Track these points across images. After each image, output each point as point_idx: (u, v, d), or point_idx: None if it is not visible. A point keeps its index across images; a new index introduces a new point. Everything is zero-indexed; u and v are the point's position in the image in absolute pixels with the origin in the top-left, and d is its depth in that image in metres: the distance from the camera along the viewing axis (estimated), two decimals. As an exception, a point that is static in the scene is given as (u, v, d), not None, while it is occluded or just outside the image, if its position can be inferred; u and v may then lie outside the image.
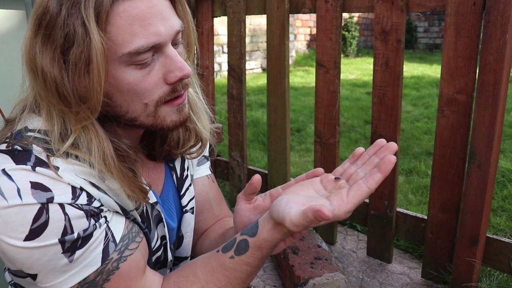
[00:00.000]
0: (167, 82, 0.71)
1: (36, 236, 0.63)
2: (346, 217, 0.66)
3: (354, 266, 1.65)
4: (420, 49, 9.46)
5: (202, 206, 1.02)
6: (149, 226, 0.81)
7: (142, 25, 0.65)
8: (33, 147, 0.66)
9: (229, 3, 2.00)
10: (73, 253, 0.65)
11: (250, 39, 6.51)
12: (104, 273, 0.68)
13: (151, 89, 0.69)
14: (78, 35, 0.62)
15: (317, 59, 1.69)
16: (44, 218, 0.63)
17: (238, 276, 0.74)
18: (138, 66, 0.67)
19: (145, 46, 0.65)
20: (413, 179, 2.61)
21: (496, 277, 1.46)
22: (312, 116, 3.95)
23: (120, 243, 0.71)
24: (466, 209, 1.37)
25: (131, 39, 0.65)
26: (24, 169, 0.64)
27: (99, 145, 0.68)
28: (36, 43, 0.65)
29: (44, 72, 0.65)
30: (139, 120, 0.72)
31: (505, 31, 1.20)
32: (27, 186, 0.63)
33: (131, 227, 0.74)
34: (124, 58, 0.66)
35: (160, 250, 0.86)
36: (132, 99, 0.69)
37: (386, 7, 1.46)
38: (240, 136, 2.11)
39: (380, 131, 1.57)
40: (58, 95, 0.66)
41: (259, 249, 0.72)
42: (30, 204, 0.62)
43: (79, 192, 0.66)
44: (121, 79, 0.67)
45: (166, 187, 0.90)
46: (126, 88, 0.68)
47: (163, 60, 0.70)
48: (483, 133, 1.29)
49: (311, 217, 0.60)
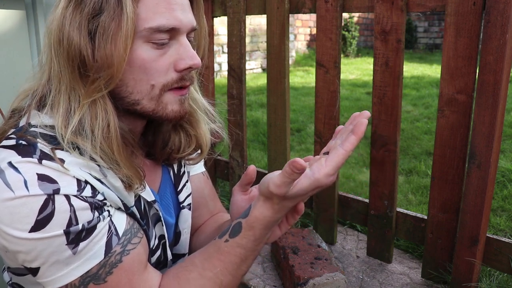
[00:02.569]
0: (176, 69, 0.74)
1: (41, 227, 0.63)
2: (328, 182, 0.67)
3: (354, 266, 1.65)
4: (420, 49, 9.46)
5: (198, 203, 1.03)
6: (147, 224, 0.82)
7: (167, 7, 0.70)
8: (37, 141, 0.68)
9: (229, 3, 2.00)
10: (77, 245, 0.66)
11: (250, 39, 6.51)
12: (107, 266, 0.69)
13: (161, 70, 0.72)
14: (110, 4, 0.66)
15: (317, 59, 1.69)
16: (50, 209, 0.64)
17: (233, 261, 0.75)
18: (155, 45, 0.71)
19: (166, 25, 0.70)
20: (413, 179, 2.61)
21: (496, 277, 1.46)
22: (312, 116, 3.95)
23: (123, 237, 0.71)
24: (466, 209, 1.37)
25: (154, 17, 0.69)
26: (30, 162, 0.65)
27: (105, 116, 0.70)
28: (67, 12, 0.68)
29: (70, 38, 0.67)
30: (142, 103, 0.74)
31: (505, 31, 1.20)
32: (34, 177, 0.64)
33: (133, 223, 0.75)
34: (144, 33, 0.69)
35: (159, 250, 0.87)
36: (140, 77, 0.72)
37: (386, 7, 1.46)
38: (240, 136, 2.11)
39: (380, 131, 1.57)
40: (79, 62, 0.68)
41: (251, 228, 0.73)
42: (37, 195, 0.63)
43: (84, 185, 0.67)
44: (136, 54, 0.70)
45: (163, 184, 0.91)
46: (138, 64, 0.71)
47: (177, 47, 0.73)
48: (483, 133, 1.29)
49: (288, 170, 0.64)
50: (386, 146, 1.56)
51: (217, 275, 0.75)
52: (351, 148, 0.66)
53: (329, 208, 1.79)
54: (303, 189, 0.68)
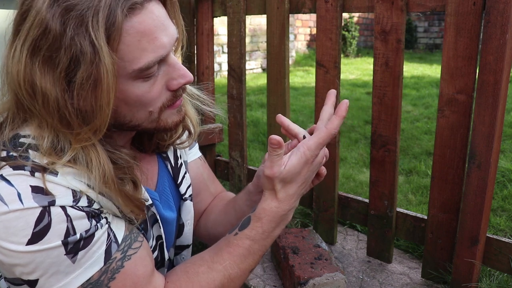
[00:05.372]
0: (169, 89, 0.73)
1: (39, 239, 0.62)
2: (317, 152, 0.74)
3: (354, 266, 1.65)
4: (420, 49, 9.46)
5: (199, 188, 1.05)
6: (145, 227, 0.82)
7: (150, 40, 0.65)
8: (29, 152, 0.65)
9: (229, 3, 2.00)
10: (76, 254, 0.65)
11: (250, 39, 6.51)
12: (109, 272, 0.69)
13: (156, 98, 0.71)
14: (87, 56, 0.60)
15: (317, 59, 1.69)
16: (46, 220, 0.62)
17: (241, 253, 0.77)
18: (145, 79, 0.68)
19: (154, 60, 0.66)
20: (413, 179, 2.61)
21: (496, 277, 1.46)
22: (312, 116, 3.95)
23: (122, 243, 0.71)
24: (466, 209, 1.37)
25: (140, 55, 0.64)
26: (23, 174, 0.63)
27: (99, 166, 0.66)
28: (34, 65, 0.61)
29: (45, 94, 0.62)
30: (142, 126, 0.74)
31: (505, 31, 1.20)
32: (27, 190, 0.62)
33: (132, 229, 0.75)
34: (134, 73, 0.66)
35: (156, 250, 0.87)
36: (138, 109, 0.71)
37: (386, 7, 1.46)
38: (240, 136, 2.11)
39: (380, 131, 1.57)
40: (59, 116, 0.63)
41: (259, 220, 0.77)
42: (32, 208, 0.62)
43: (79, 195, 0.66)
44: (129, 93, 0.67)
45: (160, 179, 0.91)
46: (133, 100, 0.69)
47: (166, 69, 0.71)
48: (483, 133, 1.29)
49: (269, 148, 0.71)
50: (386, 146, 1.56)
51: (226, 268, 0.76)
52: (334, 127, 0.73)
53: (329, 208, 1.79)
54: (293, 165, 0.73)
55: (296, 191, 0.76)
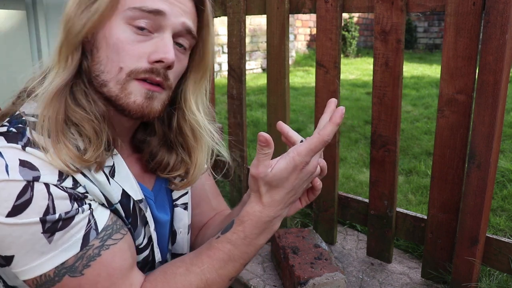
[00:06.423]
0: (148, 60, 0.73)
1: (18, 213, 0.63)
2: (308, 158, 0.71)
3: (354, 266, 1.65)
4: (420, 49, 9.46)
5: (199, 198, 1.03)
6: (135, 223, 0.81)
7: None
8: (27, 129, 0.69)
9: (229, 3, 2.00)
10: (53, 234, 0.65)
11: (250, 39, 6.51)
12: (85, 258, 0.68)
13: (133, 55, 0.73)
14: None
15: (317, 59, 1.70)
16: (28, 195, 0.64)
17: (221, 257, 0.75)
18: (134, 28, 0.72)
19: (149, 7, 0.71)
20: (413, 179, 2.61)
21: (496, 277, 1.46)
22: (312, 116, 3.96)
23: (102, 232, 0.71)
24: (466, 209, 1.37)
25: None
26: (14, 148, 0.66)
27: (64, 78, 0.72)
28: None
29: (67, 11, 0.73)
30: (108, 85, 0.74)
31: (504, 31, 1.20)
32: (15, 163, 0.65)
33: (116, 220, 0.75)
34: (127, 12, 0.71)
35: (147, 249, 0.86)
36: (112, 57, 0.72)
37: (386, 7, 1.46)
38: (240, 136, 2.11)
39: (380, 131, 1.57)
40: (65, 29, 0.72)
41: (241, 223, 0.74)
42: (16, 180, 0.64)
43: (65, 176, 0.68)
44: (113, 32, 0.72)
45: (158, 180, 0.91)
46: (113, 42, 0.72)
47: (157, 41, 0.74)
48: (483, 133, 1.29)
49: (258, 146, 0.69)
50: (386, 146, 1.57)
51: (203, 272, 0.75)
52: (327, 133, 0.70)
53: (329, 208, 1.80)
54: (281, 168, 0.70)
55: (283, 198, 0.73)
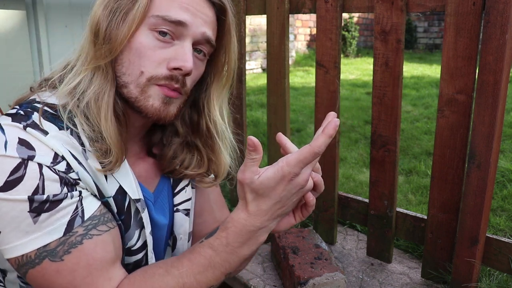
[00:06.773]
0: (167, 66, 0.76)
1: (9, 189, 0.65)
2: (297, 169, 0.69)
3: (354, 266, 1.65)
4: (420, 49, 9.46)
5: (203, 207, 1.02)
6: (128, 222, 0.81)
7: (181, 6, 0.76)
8: (34, 113, 0.71)
9: (229, 3, 2.00)
10: (39, 214, 0.67)
11: (250, 39, 6.51)
12: (66, 244, 0.69)
13: (153, 61, 0.76)
14: None
15: (317, 59, 1.70)
16: (21, 172, 0.66)
17: (201, 262, 0.74)
18: (157, 33, 0.75)
19: (173, 17, 0.75)
20: (413, 179, 2.61)
21: (496, 277, 1.46)
22: (312, 116, 3.96)
23: (88, 220, 0.71)
24: (466, 209, 1.37)
25: (166, 8, 0.75)
26: (16, 126, 0.69)
27: (104, 84, 0.75)
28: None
29: (95, 12, 0.76)
30: (129, 87, 0.76)
31: (504, 31, 1.20)
32: (14, 141, 0.67)
33: (105, 212, 0.75)
34: (152, 19, 0.75)
35: (141, 253, 0.86)
36: (134, 60, 0.75)
37: (386, 7, 1.46)
38: (240, 136, 2.11)
39: (380, 131, 1.57)
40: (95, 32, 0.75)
41: (225, 229, 0.74)
42: (12, 156, 0.66)
43: (60, 159, 0.69)
44: (138, 37, 0.75)
45: (161, 183, 0.91)
46: (136, 47, 0.75)
47: (177, 48, 0.76)
48: (483, 133, 1.29)
49: (247, 151, 0.70)
50: (386, 146, 1.57)
51: (181, 275, 0.74)
52: (318, 145, 0.68)
53: (329, 208, 1.80)
54: (268, 177, 0.69)
55: (270, 208, 0.71)
